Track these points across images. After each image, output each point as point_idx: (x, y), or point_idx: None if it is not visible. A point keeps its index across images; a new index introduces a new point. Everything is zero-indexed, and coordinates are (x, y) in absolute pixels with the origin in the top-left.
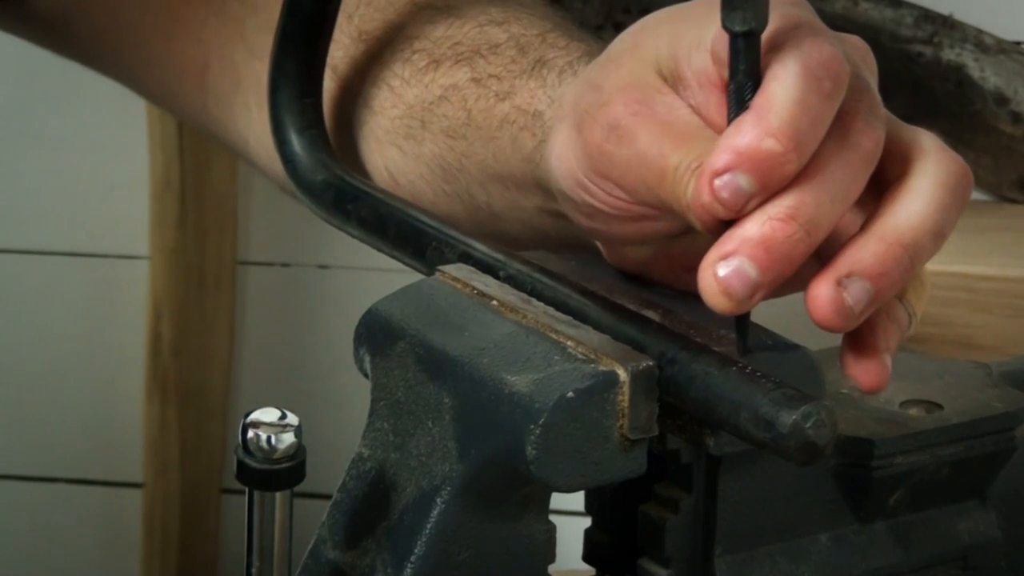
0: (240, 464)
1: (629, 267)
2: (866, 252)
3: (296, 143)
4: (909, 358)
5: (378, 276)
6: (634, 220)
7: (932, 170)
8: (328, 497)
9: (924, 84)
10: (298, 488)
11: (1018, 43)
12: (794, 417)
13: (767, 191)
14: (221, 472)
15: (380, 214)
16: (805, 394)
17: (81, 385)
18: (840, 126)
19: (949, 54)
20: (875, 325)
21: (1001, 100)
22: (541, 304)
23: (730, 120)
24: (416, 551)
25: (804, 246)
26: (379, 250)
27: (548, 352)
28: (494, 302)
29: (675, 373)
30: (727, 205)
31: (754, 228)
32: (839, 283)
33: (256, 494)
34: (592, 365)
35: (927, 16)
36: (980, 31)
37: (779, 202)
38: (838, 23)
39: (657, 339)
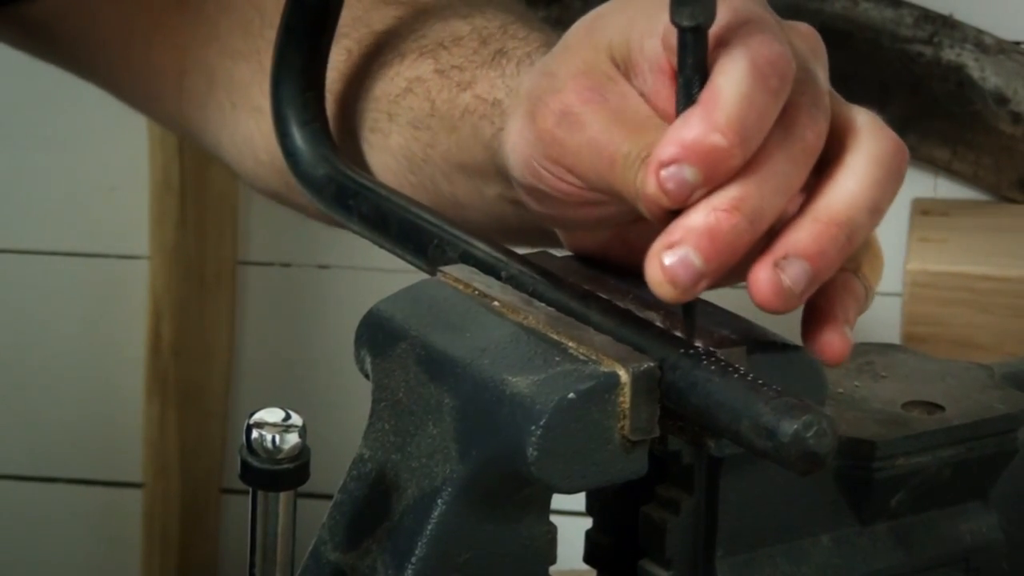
0: (244, 464)
1: (588, 252)
2: (802, 233)
3: (298, 137)
4: (911, 359)
5: (378, 276)
6: (585, 206)
7: (865, 147)
8: (328, 497)
9: (924, 84)
10: (299, 488)
11: (1018, 43)
12: (795, 427)
13: (712, 183)
14: (221, 472)
15: (382, 210)
16: (806, 403)
17: (81, 385)
18: (784, 119)
19: (949, 54)
20: (832, 297)
21: (1001, 100)
22: (543, 305)
23: (678, 113)
24: (417, 552)
25: (748, 236)
26: (380, 246)
27: (549, 353)
28: (495, 303)
29: (676, 379)
30: (672, 196)
31: (699, 218)
32: (776, 265)
33: (259, 494)
34: (593, 366)
35: (927, 16)
36: (980, 31)
37: (724, 193)
38: (838, 23)
39: (659, 343)
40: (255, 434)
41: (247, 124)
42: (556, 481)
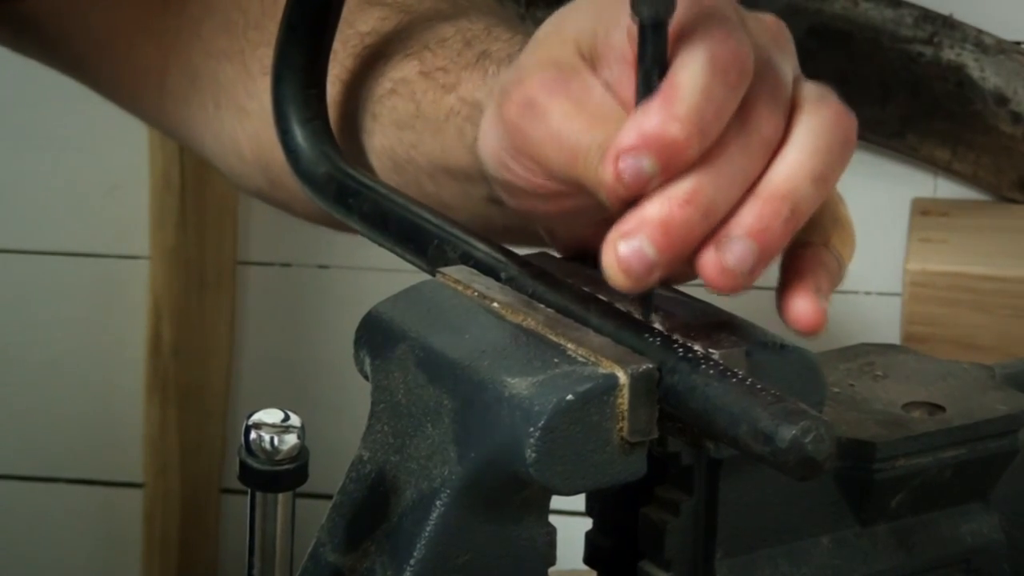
0: (243, 465)
1: (575, 251)
2: (744, 212)
3: (299, 134)
4: (911, 359)
5: (378, 276)
6: (555, 198)
7: (806, 119)
8: (328, 498)
9: (924, 84)
10: (298, 489)
11: (1018, 43)
12: (794, 432)
13: (668, 174)
14: (221, 472)
15: (382, 210)
16: (805, 408)
17: (81, 385)
18: (742, 113)
19: (949, 54)
20: (802, 269)
21: (1001, 100)
22: (542, 307)
23: (638, 103)
24: (416, 554)
25: (701, 228)
26: (380, 245)
27: (548, 355)
28: (495, 304)
29: (675, 383)
30: (629, 186)
31: (654, 209)
32: (717, 246)
33: (258, 495)
34: (592, 368)
35: (927, 16)
36: (980, 31)
37: (679, 185)
38: (838, 23)
39: (658, 347)
40: (254, 435)
41: (231, 123)
42: (555, 483)
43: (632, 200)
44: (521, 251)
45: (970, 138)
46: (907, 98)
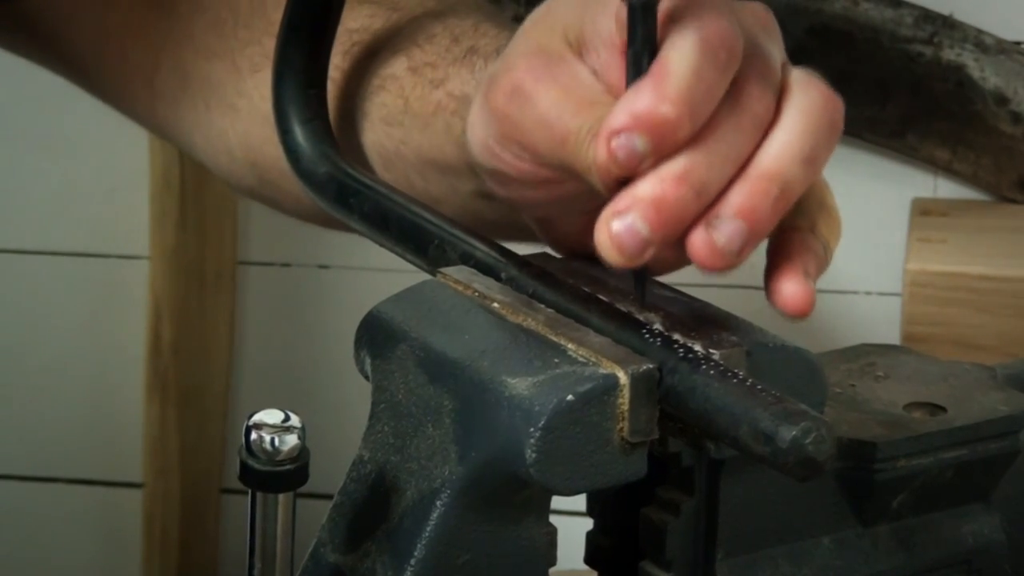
0: (243, 465)
1: (566, 244)
2: (734, 192)
3: (299, 134)
4: (912, 360)
5: (378, 276)
6: (543, 185)
7: (794, 101)
8: (328, 497)
9: (924, 84)
10: (299, 489)
11: (1018, 43)
12: (794, 433)
13: (661, 153)
14: (221, 472)
15: (383, 209)
16: (805, 409)
17: (81, 385)
18: (733, 92)
19: (949, 54)
20: (790, 252)
21: (1001, 100)
22: (542, 307)
23: (628, 85)
24: (416, 554)
25: (694, 206)
26: (381, 245)
27: (548, 355)
28: (495, 304)
29: (675, 383)
30: (622, 164)
31: (647, 188)
32: (707, 226)
33: (259, 495)
34: (592, 368)
35: (927, 16)
36: (980, 31)
37: (672, 164)
38: (838, 23)
39: (658, 347)
40: (254, 435)
41: (221, 122)
42: (555, 483)
43: (623, 181)
44: (521, 251)
45: (970, 138)
46: (907, 98)
